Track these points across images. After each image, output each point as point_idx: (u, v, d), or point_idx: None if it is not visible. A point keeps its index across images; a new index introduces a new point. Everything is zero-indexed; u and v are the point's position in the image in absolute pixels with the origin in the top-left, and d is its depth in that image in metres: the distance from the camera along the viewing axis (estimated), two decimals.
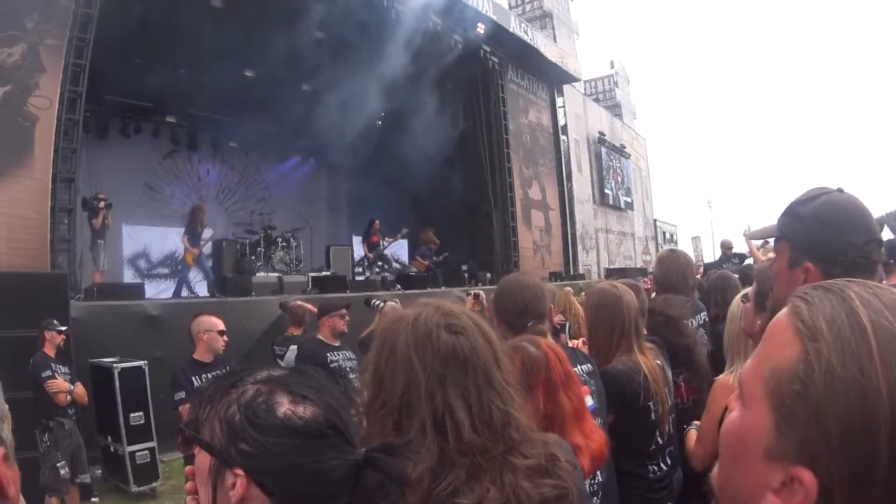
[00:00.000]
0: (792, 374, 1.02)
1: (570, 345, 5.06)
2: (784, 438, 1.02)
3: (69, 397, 9.03)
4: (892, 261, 6.55)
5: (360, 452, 1.56)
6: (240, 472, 1.52)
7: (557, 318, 8.36)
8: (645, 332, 4.61)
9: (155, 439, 10.82)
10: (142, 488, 10.57)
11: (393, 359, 2.12)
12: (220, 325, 7.61)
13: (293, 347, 9.65)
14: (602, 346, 4.42)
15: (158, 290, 20.49)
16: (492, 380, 2.10)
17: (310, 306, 11.10)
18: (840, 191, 2.49)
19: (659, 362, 4.37)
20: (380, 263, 23.25)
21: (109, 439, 10.85)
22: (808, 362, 1.01)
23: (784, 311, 1.12)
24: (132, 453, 10.53)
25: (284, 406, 1.55)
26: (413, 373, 2.06)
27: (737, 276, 7.26)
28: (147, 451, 10.71)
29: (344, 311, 8.60)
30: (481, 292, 5.76)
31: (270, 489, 1.51)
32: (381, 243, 23.18)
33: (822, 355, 1.00)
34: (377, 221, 23.65)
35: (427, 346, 2.09)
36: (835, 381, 0.98)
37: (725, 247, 16.58)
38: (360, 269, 22.48)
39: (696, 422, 4.05)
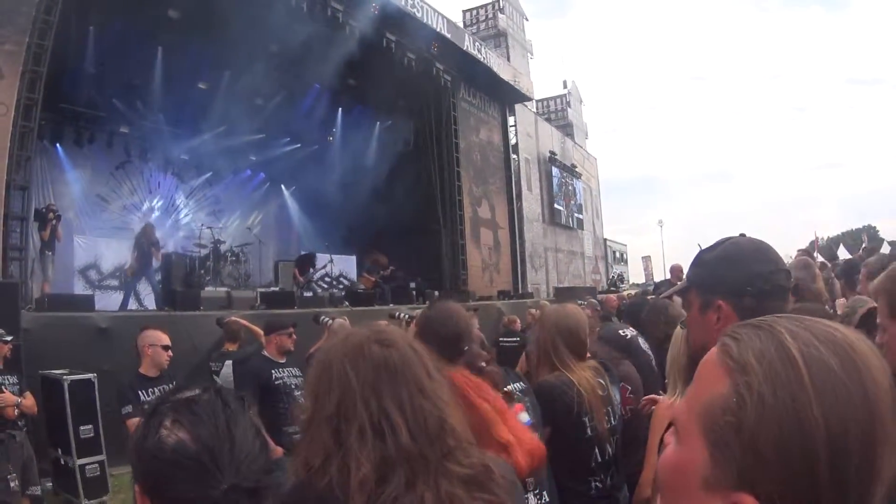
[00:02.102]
0: (724, 407, 1.06)
1: None
2: (720, 468, 1.06)
3: (17, 411, 8.94)
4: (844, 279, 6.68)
5: (221, 490, 1.60)
6: (137, 487, 1.66)
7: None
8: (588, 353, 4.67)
9: (104, 452, 10.70)
10: (92, 502, 10.40)
11: (328, 373, 2.17)
12: (165, 340, 7.59)
13: (228, 363, 9.62)
14: (535, 363, 4.63)
15: (108, 302, 20.23)
16: (423, 388, 2.15)
17: (245, 322, 11.13)
18: (742, 235, 2.58)
19: (601, 381, 4.43)
20: (311, 284, 23.23)
21: (60, 452, 10.68)
22: (739, 395, 1.04)
23: (713, 350, 1.16)
24: (82, 466, 10.38)
25: (161, 431, 1.63)
26: (347, 382, 2.11)
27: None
28: (97, 465, 10.55)
29: (291, 329, 8.56)
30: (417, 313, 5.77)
31: None
32: (311, 271, 23.19)
33: (752, 387, 1.03)
34: (316, 259, 23.79)
35: (359, 356, 2.16)
36: (766, 410, 1.01)
37: (675, 271, 16.72)
38: (296, 288, 22.33)
39: None
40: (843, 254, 24.03)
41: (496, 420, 3.11)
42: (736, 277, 2.38)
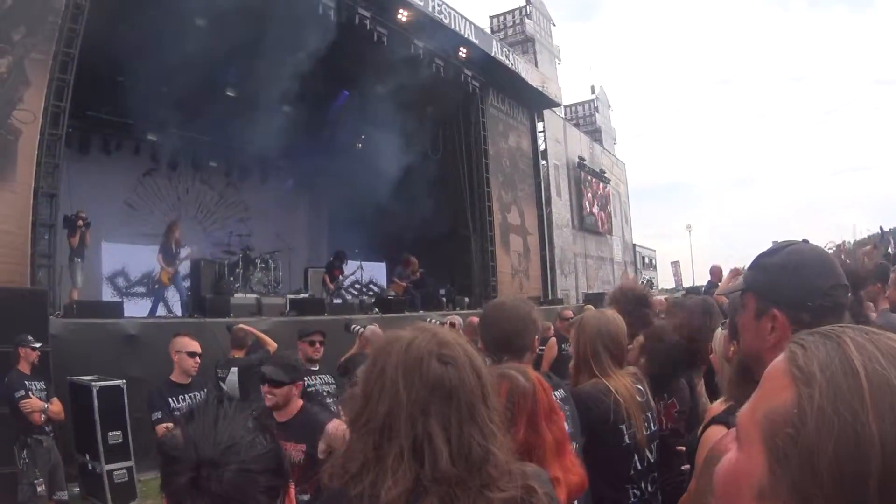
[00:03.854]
0: (786, 418, 1.04)
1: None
2: (777, 480, 1.03)
3: (44, 416, 8.95)
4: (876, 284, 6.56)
5: (192, 465, 1.70)
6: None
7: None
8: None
9: (133, 458, 10.73)
10: None
11: (381, 379, 2.11)
12: (191, 347, 7.63)
13: (234, 370, 9.87)
14: (573, 370, 4.56)
15: (137, 309, 20.29)
16: (475, 415, 2.09)
17: (252, 329, 11.16)
18: (805, 241, 2.51)
19: (640, 387, 4.36)
20: (341, 291, 23.17)
21: (87, 457, 10.76)
22: (801, 407, 1.02)
23: (781, 356, 1.13)
24: (110, 472, 10.45)
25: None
26: (398, 396, 2.05)
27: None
28: (125, 470, 10.63)
29: (315, 338, 8.62)
30: (457, 319, 5.70)
31: None
32: (341, 277, 23.12)
33: (814, 400, 1.01)
34: (346, 256, 23.70)
35: (415, 372, 2.08)
36: (826, 425, 0.99)
37: (715, 272, 16.49)
38: (325, 295, 22.28)
39: None
40: None
41: (552, 454, 3.03)
42: (796, 289, 2.31)
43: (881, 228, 19.58)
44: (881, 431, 0.96)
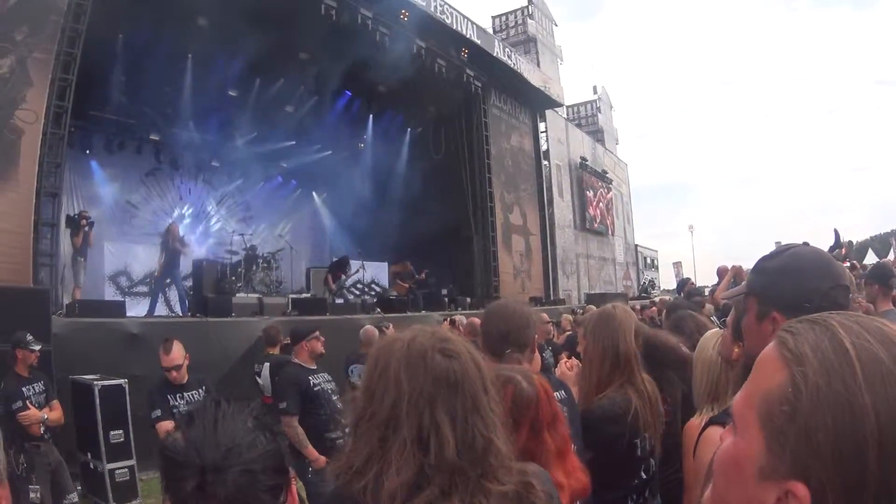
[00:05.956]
0: (781, 397, 1.08)
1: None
2: (776, 458, 1.07)
3: (42, 427, 8.86)
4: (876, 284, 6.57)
5: (196, 472, 1.71)
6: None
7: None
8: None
9: (134, 457, 10.69)
10: None
11: (385, 375, 2.13)
12: (169, 363, 7.70)
13: (266, 365, 10.12)
14: (594, 377, 4.23)
15: (138, 309, 20.23)
16: (479, 405, 2.11)
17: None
18: (805, 244, 2.54)
19: (655, 393, 4.20)
20: (343, 291, 23.15)
21: (89, 456, 10.70)
22: (795, 385, 1.07)
23: (771, 343, 1.18)
24: (112, 471, 10.38)
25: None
26: (403, 389, 2.07)
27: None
28: (127, 469, 10.56)
29: (317, 332, 8.59)
30: (458, 318, 5.69)
31: None
32: (343, 277, 23.10)
33: (807, 377, 1.06)
34: (349, 262, 23.67)
35: (420, 365, 2.10)
36: (821, 399, 1.03)
37: (722, 272, 16.55)
38: (328, 294, 22.23)
39: None
40: (870, 258, 23.84)
41: (554, 460, 2.97)
42: (794, 291, 2.33)
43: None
44: (874, 401, 1.01)
